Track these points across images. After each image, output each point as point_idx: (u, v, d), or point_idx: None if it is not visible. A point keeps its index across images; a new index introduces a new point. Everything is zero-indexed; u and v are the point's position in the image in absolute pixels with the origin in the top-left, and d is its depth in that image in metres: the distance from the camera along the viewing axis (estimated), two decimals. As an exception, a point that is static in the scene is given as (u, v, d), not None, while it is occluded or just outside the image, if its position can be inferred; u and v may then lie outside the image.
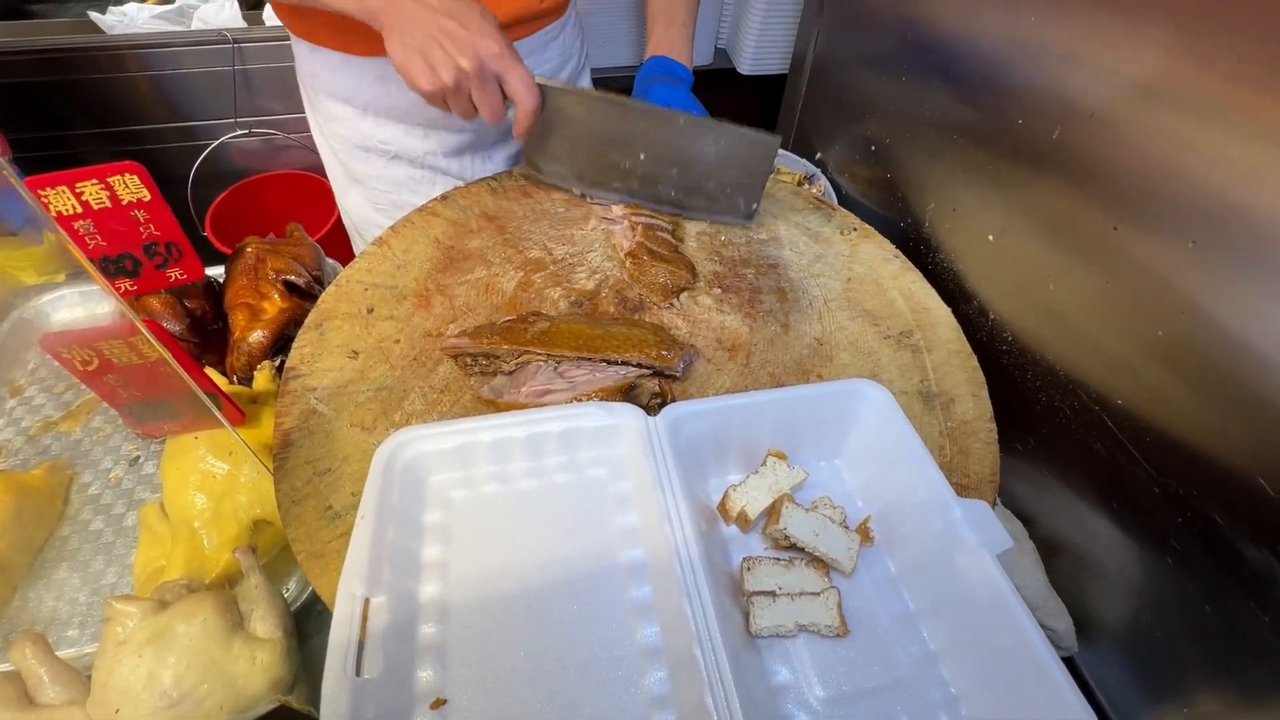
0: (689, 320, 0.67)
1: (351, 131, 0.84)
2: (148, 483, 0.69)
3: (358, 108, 0.82)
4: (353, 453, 0.55)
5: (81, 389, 0.78)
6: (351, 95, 0.81)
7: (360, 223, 0.95)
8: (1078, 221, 0.56)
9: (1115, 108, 0.51)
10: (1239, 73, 0.42)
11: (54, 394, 0.76)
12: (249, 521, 0.59)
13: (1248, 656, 0.47)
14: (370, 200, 0.90)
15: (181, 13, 1.38)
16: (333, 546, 0.49)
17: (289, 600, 0.57)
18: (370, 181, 0.88)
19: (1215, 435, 0.47)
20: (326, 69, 0.80)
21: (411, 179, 0.88)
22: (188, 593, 0.51)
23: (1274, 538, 0.44)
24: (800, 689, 0.42)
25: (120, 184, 0.65)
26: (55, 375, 0.78)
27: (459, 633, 0.41)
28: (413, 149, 0.85)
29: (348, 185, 0.92)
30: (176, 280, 0.71)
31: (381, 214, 0.91)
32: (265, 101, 1.43)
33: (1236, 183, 0.44)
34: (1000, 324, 0.67)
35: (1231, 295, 0.45)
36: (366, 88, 0.80)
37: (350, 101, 0.82)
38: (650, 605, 0.43)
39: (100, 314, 0.84)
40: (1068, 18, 0.54)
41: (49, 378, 0.78)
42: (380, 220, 0.92)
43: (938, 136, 0.73)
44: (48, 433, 0.72)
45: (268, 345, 0.71)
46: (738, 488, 0.50)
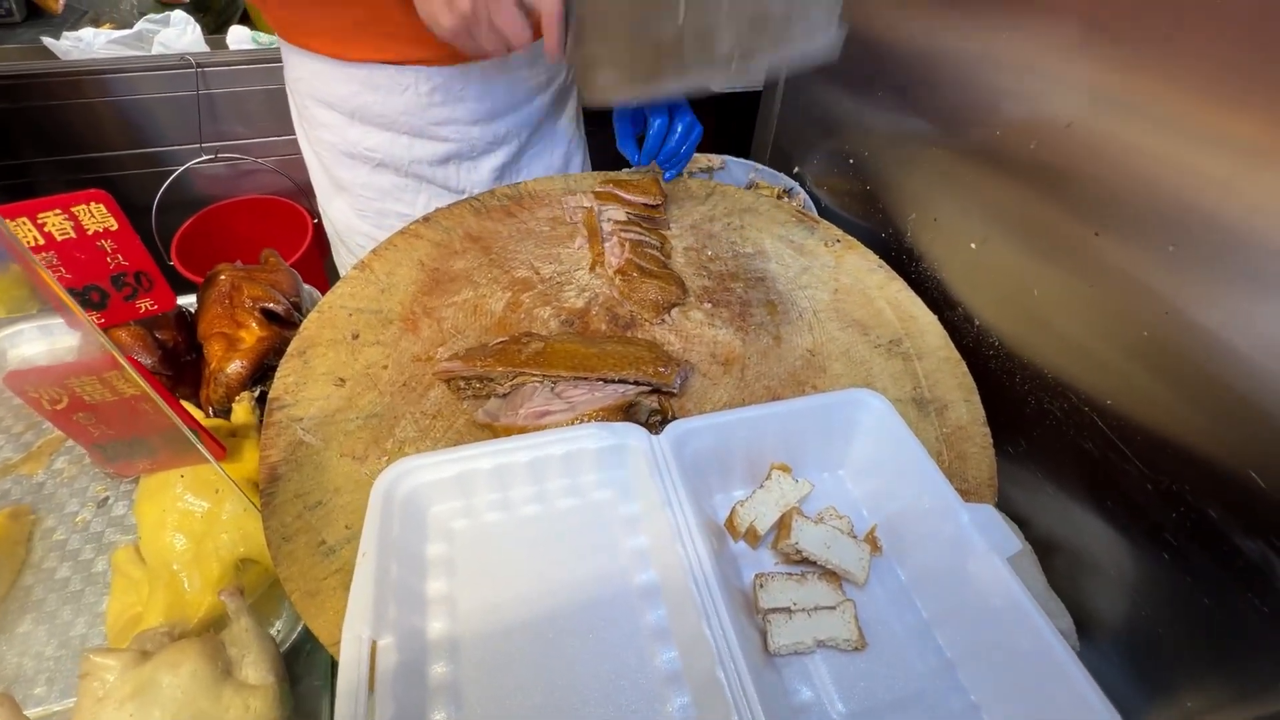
0: (681, 336, 0.67)
1: (338, 138, 0.84)
2: (119, 525, 0.66)
3: (345, 114, 0.82)
4: (345, 484, 0.52)
5: (43, 428, 0.73)
6: (339, 102, 0.81)
7: (344, 230, 0.94)
8: (1058, 228, 0.58)
9: (1089, 119, 0.53)
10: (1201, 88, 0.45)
11: (12, 434, 0.72)
12: (232, 561, 0.56)
13: (1247, 648, 0.48)
14: (355, 207, 0.90)
15: (140, 37, 1.35)
16: (328, 583, 0.47)
17: (277, 642, 0.55)
18: (355, 189, 0.88)
19: (1204, 433, 0.49)
20: (315, 75, 0.80)
21: (396, 187, 0.87)
22: (170, 640, 0.48)
23: (1269, 529, 0.45)
24: (823, 706, 0.42)
25: (85, 213, 0.62)
26: (14, 415, 0.74)
27: (471, 670, 0.40)
28: (398, 157, 0.85)
29: (333, 192, 0.91)
30: (147, 311, 0.68)
31: (366, 221, 0.90)
32: (230, 125, 1.40)
33: (1208, 190, 0.45)
34: (986, 330, 0.68)
35: (1211, 296, 0.47)
36: (355, 95, 0.80)
37: (337, 108, 0.82)
38: (667, 629, 0.42)
39: (62, 348, 0.80)
40: (1039, 35, 0.56)
41: (6, 417, 0.74)
42: (364, 228, 0.91)
43: (916, 149, 0.75)
44: (6, 476, 0.68)
45: (246, 376, 0.68)
46: (745, 503, 0.50)
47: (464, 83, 0.81)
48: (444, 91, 0.81)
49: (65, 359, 0.52)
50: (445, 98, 0.81)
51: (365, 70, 0.78)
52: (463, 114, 0.84)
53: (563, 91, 0.95)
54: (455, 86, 0.81)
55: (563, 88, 0.94)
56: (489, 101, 0.84)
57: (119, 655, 0.45)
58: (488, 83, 0.83)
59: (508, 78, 0.84)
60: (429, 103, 0.81)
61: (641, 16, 0.61)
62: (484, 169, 0.90)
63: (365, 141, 0.84)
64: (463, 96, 0.82)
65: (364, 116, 0.82)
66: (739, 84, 0.61)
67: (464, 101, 0.83)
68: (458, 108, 0.83)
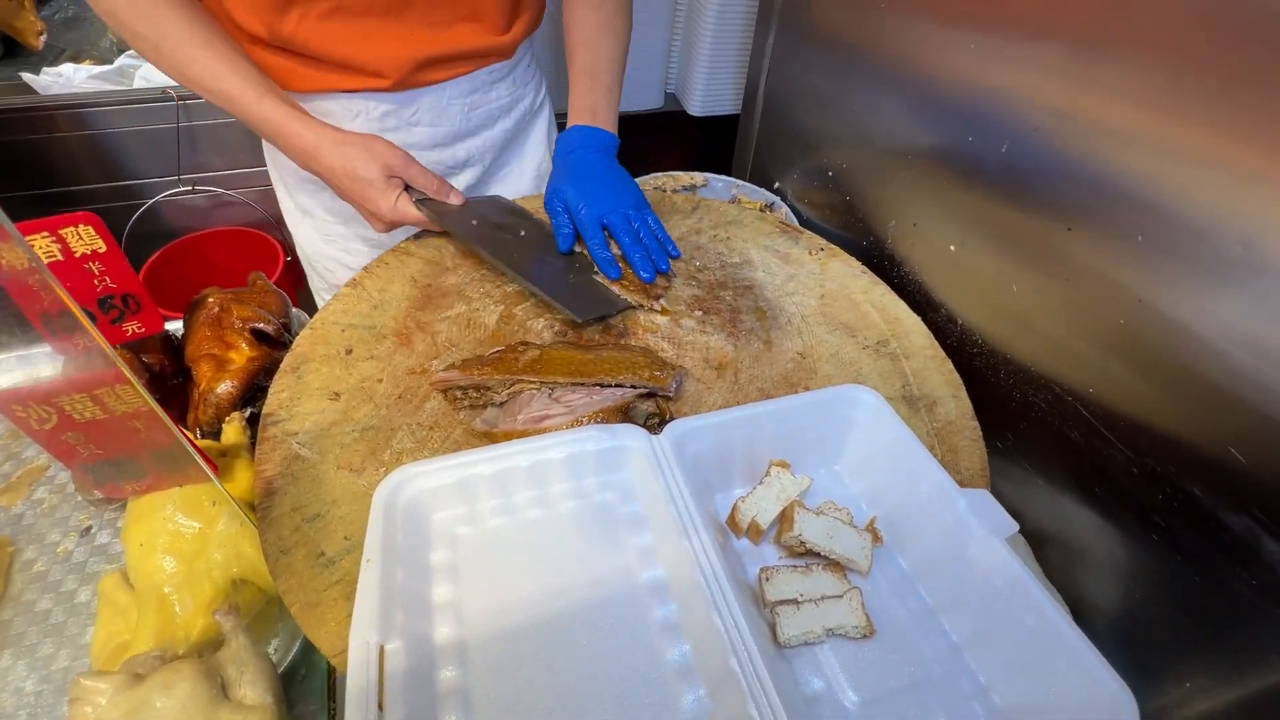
0: (674, 343, 0.68)
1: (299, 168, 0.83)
2: (103, 554, 0.64)
3: None
4: (342, 496, 0.52)
5: (21, 459, 0.71)
6: None
7: (312, 255, 0.93)
8: (1032, 227, 0.60)
9: (1056, 122, 0.56)
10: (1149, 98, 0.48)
11: (-11, 466, 0.70)
12: (225, 582, 0.54)
13: (1238, 623, 0.49)
14: (320, 232, 0.89)
15: (121, 73, 1.35)
16: (329, 595, 0.46)
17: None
18: (319, 214, 0.88)
19: (1183, 415, 0.51)
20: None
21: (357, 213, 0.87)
22: (162, 664, 0.47)
23: (1252, 503, 0.46)
24: (835, 696, 0.42)
25: (74, 236, 0.62)
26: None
27: (481, 674, 0.39)
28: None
29: (298, 217, 0.91)
30: (134, 334, 0.68)
31: (332, 246, 0.90)
32: (208, 158, 1.41)
33: (1170, 184, 0.48)
34: (969, 329, 0.70)
35: (1177, 285, 0.49)
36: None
37: None
38: (677, 624, 0.42)
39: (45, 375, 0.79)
40: (1003, 45, 0.60)
41: (-16, 449, 0.71)
42: (331, 252, 0.90)
43: (892, 159, 0.78)
44: (-16, 508, 0.66)
45: (237, 396, 0.67)
46: (746, 499, 0.50)
47: (414, 108, 0.81)
48: (395, 117, 0.81)
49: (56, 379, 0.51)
50: (398, 123, 0.81)
51: (316, 99, 0.78)
52: (418, 139, 0.83)
53: (531, 113, 0.95)
54: (406, 112, 0.81)
55: (531, 110, 0.95)
56: (445, 126, 0.84)
57: (110, 678, 0.44)
58: (441, 108, 0.83)
59: (463, 101, 0.84)
60: (381, 128, 0.81)
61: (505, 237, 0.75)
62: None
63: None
64: (415, 121, 0.82)
65: None
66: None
67: (418, 126, 0.83)
68: (411, 132, 0.83)
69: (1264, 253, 0.43)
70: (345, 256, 0.92)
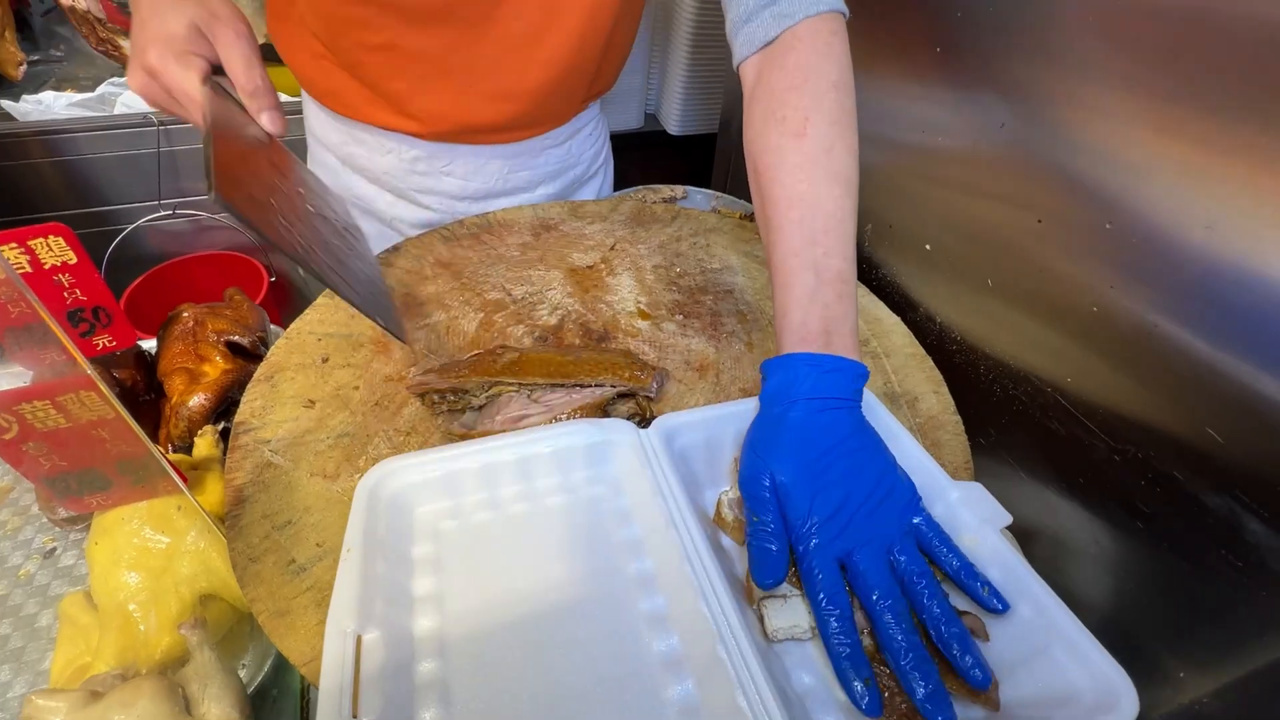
0: (655, 346, 0.68)
1: (333, 180, 0.85)
2: (66, 576, 0.61)
3: (339, 158, 0.84)
4: (315, 503, 0.50)
5: (-17, 481, 0.69)
6: (334, 146, 0.83)
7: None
8: (1004, 221, 0.61)
9: (1020, 118, 0.57)
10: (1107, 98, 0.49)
11: (-51, 490, 0.67)
12: (193, 598, 0.52)
13: (1226, 605, 0.49)
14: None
15: (103, 100, 1.35)
16: (299, 602, 0.44)
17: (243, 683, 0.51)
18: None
19: (1159, 399, 0.51)
20: (317, 119, 0.83)
21: (379, 234, 0.88)
22: (123, 682, 0.45)
23: (1232, 483, 0.47)
24: (827, 691, 0.40)
25: (43, 247, 0.61)
26: (-49, 470, 0.69)
27: (462, 667, 0.38)
28: (382, 211, 0.86)
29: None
30: (105, 348, 0.66)
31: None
32: (190, 182, 1.40)
33: (1134, 173, 0.49)
34: (947, 326, 0.71)
35: (1146, 270, 0.50)
36: (345, 144, 0.81)
37: (334, 151, 0.84)
38: (665, 615, 0.41)
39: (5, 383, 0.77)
40: (966, 49, 0.61)
41: (-57, 473, 0.69)
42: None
43: (865, 164, 0.79)
44: (-59, 532, 0.63)
45: (210, 409, 0.66)
46: (728, 492, 0.50)
47: (449, 159, 0.80)
48: (427, 163, 0.80)
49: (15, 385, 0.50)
50: (429, 169, 0.80)
51: (354, 126, 0.79)
52: (449, 188, 0.82)
53: (581, 180, 0.91)
54: (440, 161, 0.80)
55: (583, 177, 0.91)
56: (479, 182, 0.83)
57: (65, 696, 0.41)
58: (478, 166, 0.81)
59: (504, 164, 0.82)
60: (411, 170, 0.80)
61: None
62: None
63: (354, 189, 0.85)
64: (448, 172, 0.81)
65: (353, 165, 0.83)
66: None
67: (450, 177, 0.81)
68: (442, 180, 0.82)
69: (1227, 232, 0.44)
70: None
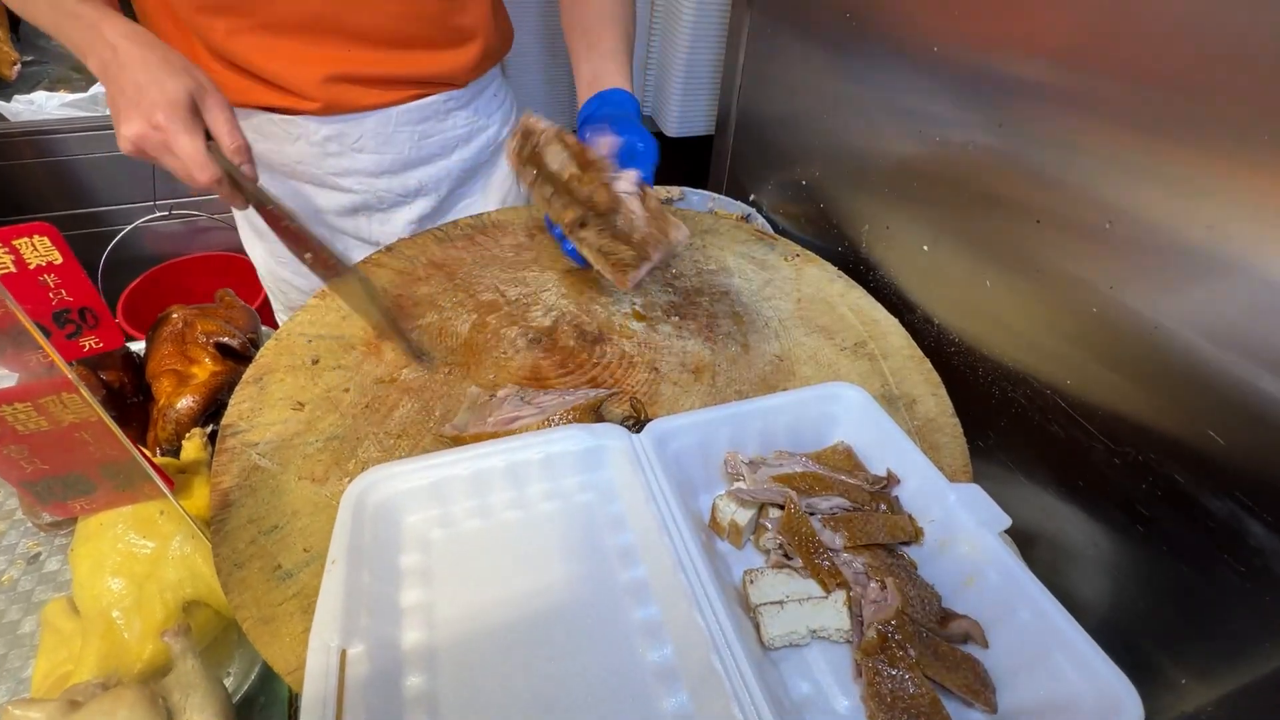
0: (650, 348, 0.67)
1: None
2: (51, 581, 0.60)
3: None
4: (303, 507, 0.49)
5: (-33, 485, 0.68)
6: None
7: (267, 275, 0.91)
8: (1002, 222, 0.61)
9: (1017, 116, 0.57)
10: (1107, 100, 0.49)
11: (-67, 494, 0.66)
12: (178, 604, 0.51)
13: (1228, 609, 0.48)
14: (273, 254, 0.87)
15: (96, 100, 1.34)
16: (284, 609, 0.43)
17: (229, 692, 0.50)
18: (270, 236, 0.84)
19: (1160, 401, 0.50)
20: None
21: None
22: (104, 691, 0.44)
23: (1234, 486, 0.46)
24: (825, 700, 0.40)
25: (28, 247, 0.60)
26: (-65, 472, 0.68)
27: (450, 681, 0.37)
28: (303, 206, 0.82)
29: (253, 238, 0.89)
30: (92, 349, 0.65)
31: (284, 268, 0.88)
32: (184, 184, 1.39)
33: (1135, 170, 0.49)
34: (945, 328, 0.70)
35: (1147, 270, 0.49)
36: (253, 143, 0.75)
37: None
38: (659, 624, 0.40)
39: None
40: (963, 52, 0.61)
41: (-73, 475, 0.68)
42: (285, 274, 0.88)
43: (863, 166, 0.78)
44: (-77, 536, 0.62)
45: (198, 412, 0.65)
46: (724, 497, 0.49)
47: (358, 133, 0.77)
48: (338, 141, 0.77)
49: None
50: (340, 148, 0.78)
51: (256, 118, 0.75)
52: (364, 165, 0.80)
53: (496, 144, 0.91)
54: (350, 136, 0.77)
55: (496, 140, 0.91)
56: (392, 153, 0.81)
57: (43, 706, 0.40)
58: (388, 135, 0.79)
59: (413, 129, 0.81)
60: (323, 152, 0.78)
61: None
62: (398, 221, 0.86)
63: (271, 189, 0.78)
64: (360, 147, 0.79)
65: (264, 163, 0.78)
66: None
67: (362, 153, 0.79)
68: (357, 159, 0.79)
69: (1228, 233, 0.43)
70: (297, 279, 0.89)
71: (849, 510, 0.47)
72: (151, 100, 0.57)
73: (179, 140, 0.57)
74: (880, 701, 0.38)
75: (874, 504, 0.48)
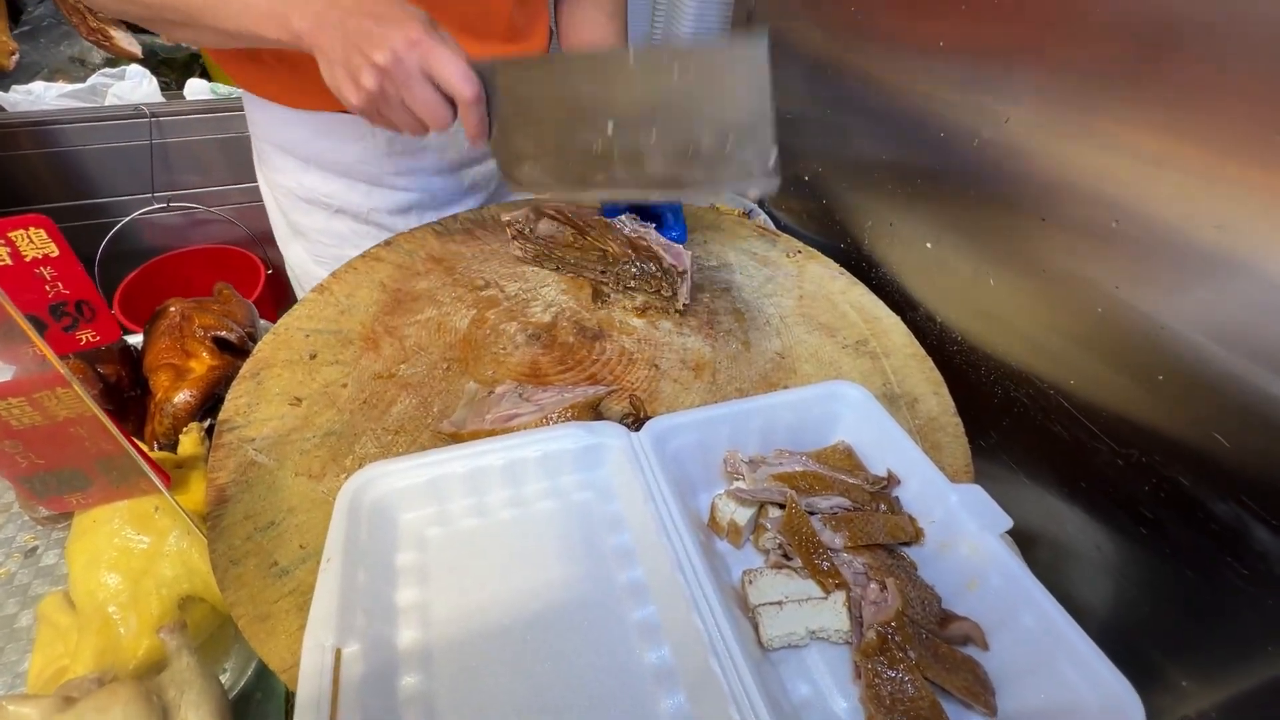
0: (651, 344, 0.67)
1: (295, 183, 0.81)
2: (48, 575, 0.60)
3: (301, 160, 0.80)
4: (300, 503, 0.49)
5: (-35, 479, 0.68)
6: (295, 147, 0.79)
7: (302, 276, 0.91)
8: (1007, 219, 0.60)
9: (1024, 113, 0.56)
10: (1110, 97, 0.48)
11: (-70, 487, 0.66)
12: (174, 600, 0.51)
13: (1232, 612, 0.48)
14: (312, 253, 0.87)
15: (94, 91, 1.34)
16: (280, 606, 0.43)
17: (225, 689, 0.49)
18: (312, 234, 0.85)
19: (1165, 403, 0.50)
20: (272, 120, 0.78)
21: (355, 233, 0.85)
22: (99, 687, 0.43)
23: (1238, 489, 0.45)
24: (824, 702, 0.39)
25: (24, 239, 0.59)
26: (-68, 465, 0.68)
27: (445, 681, 0.36)
28: (356, 205, 0.83)
29: (290, 237, 0.88)
30: (89, 343, 0.64)
31: (323, 267, 0.87)
32: (184, 175, 1.39)
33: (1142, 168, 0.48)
34: (948, 327, 0.70)
35: (1151, 271, 0.49)
36: (310, 141, 0.78)
37: (294, 153, 0.79)
38: (657, 625, 0.40)
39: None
40: (971, 41, 0.60)
41: (-76, 468, 0.68)
42: (321, 274, 0.87)
43: (866, 163, 0.78)
44: (-80, 530, 0.62)
45: (195, 406, 0.65)
46: (723, 496, 0.48)
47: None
48: (402, 141, 0.78)
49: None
50: (405, 147, 0.79)
51: (319, 117, 0.76)
52: (426, 164, 0.81)
53: None
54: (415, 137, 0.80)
55: None
56: (452, 153, 0.82)
57: (37, 702, 0.40)
58: (451, 134, 0.80)
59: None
60: (387, 151, 0.79)
61: (569, 125, 0.58)
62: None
63: (322, 188, 0.81)
64: (424, 146, 0.80)
65: (320, 163, 0.80)
66: (677, 201, 0.56)
67: (426, 151, 0.81)
68: (420, 157, 0.81)
69: (1237, 233, 0.43)
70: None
71: (849, 510, 0.47)
72: (399, 20, 0.54)
73: (439, 53, 0.54)
74: (879, 703, 0.38)
75: (874, 504, 0.47)
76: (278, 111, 0.76)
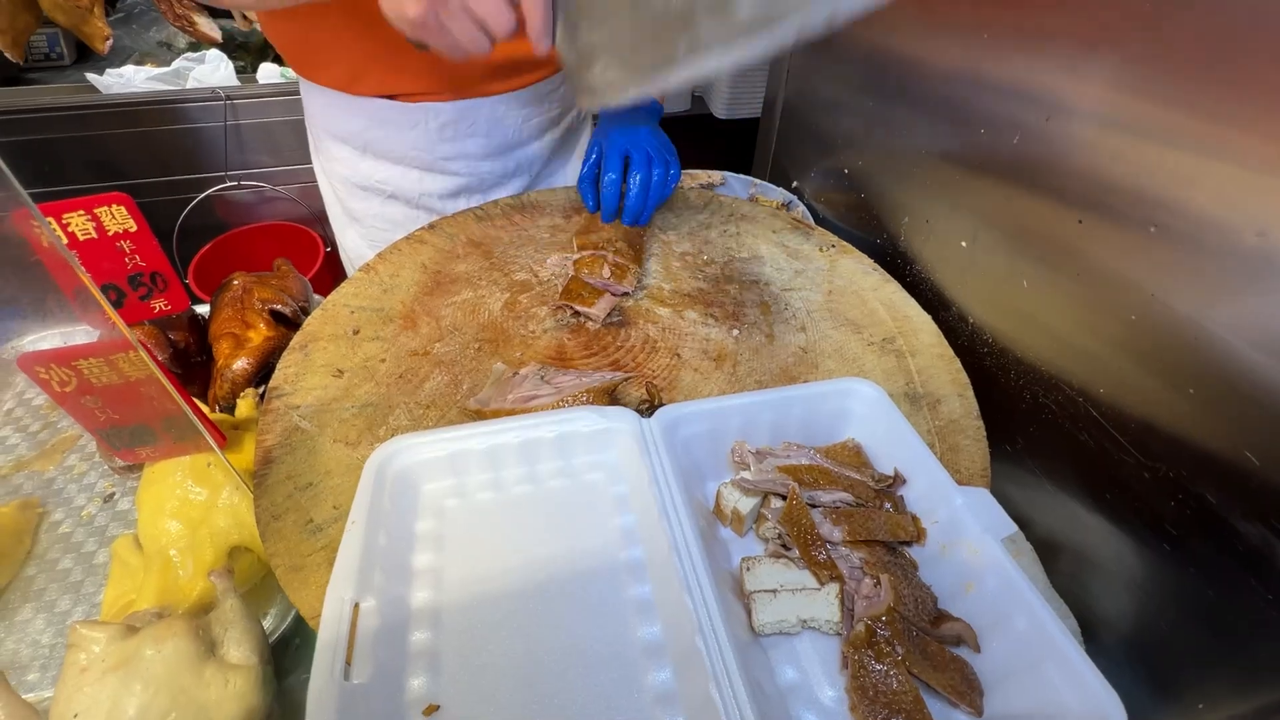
0: (674, 333, 0.68)
1: (350, 171, 0.86)
2: (122, 519, 0.67)
3: (357, 148, 0.84)
4: (335, 467, 0.53)
5: (58, 427, 0.76)
6: (351, 136, 0.83)
7: (357, 260, 0.96)
8: (1044, 219, 0.58)
9: (1066, 112, 0.54)
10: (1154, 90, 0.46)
11: (29, 433, 0.74)
12: (226, 547, 0.56)
13: (1254, 635, 0.46)
14: (367, 239, 0.92)
15: (178, 74, 1.43)
16: (313, 560, 0.47)
17: (267, 632, 0.55)
18: (367, 220, 0.90)
19: (1197, 416, 0.48)
20: (328, 109, 0.82)
21: (408, 219, 0.89)
22: (158, 619, 0.49)
23: (1267, 511, 0.44)
24: (809, 688, 0.41)
25: (107, 215, 0.66)
26: (31, 414, 0.76)
27: (452, 639, 0.40)
28: (409, 190, 0.87)
29: (346, 223, 0.93)
30: (161, 311, 0.71)
31: (376, 251, 0.92)
32: (255, 155, 1.47)
33: (1182, 175, 0.46)
34: (980, 328, 0.68)
35: (1192, 279, 0.47)
36: (365, 129, 0.82)
37: (350, 142, 0.84)
38: (651, 602, 0.42)
39: (68, 340, 0.83)
40: (1012, 42, 0.58)
41: (25, 417, 0.76)
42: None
43: (906, 156, 0.76)
44: (20, 471, 0.70)
45: (251, 373, 0.70)
46: (728, 485, 0.50)
47: (474, 118, 0.82)
48: (454, 127, 0.82)
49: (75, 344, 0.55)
50: (455, 133, 0.82)
51: (374, 105, 0.79)
52: (473, 149, 0.85)
53: (577, 125, 0.96)
54: (465, 122, 0.82)
55: (577, 120, 0.96)
56: (500, 136, 0.85)
57: (105, 628, 0.46)
58: (499, 118, 0.84)
59: (520, 113, 0.85)
60: (439, 138, 0.82)
61: None
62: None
63: (376, 174, 0.86)
64: (473, 132, 0.83)
65: (374, 150, 0.84)
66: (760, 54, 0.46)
67: (474, 136, 0.84)
68: (468, 143, 0.84)
69: (1279, 241, 0.41)
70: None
71: (851, 505, 0.47)
72: None
73: None
74: (863, 694, 0.39)
75: (878, 501, 0.48)
76: (333, 100, 0.80)
